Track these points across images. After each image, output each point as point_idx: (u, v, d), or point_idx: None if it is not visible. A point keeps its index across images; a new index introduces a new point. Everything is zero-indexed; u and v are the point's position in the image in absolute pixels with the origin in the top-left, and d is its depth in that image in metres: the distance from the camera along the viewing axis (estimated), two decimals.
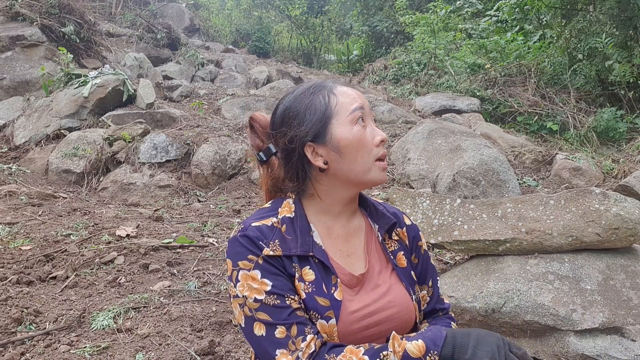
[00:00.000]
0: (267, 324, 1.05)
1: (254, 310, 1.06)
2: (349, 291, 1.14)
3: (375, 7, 13.72)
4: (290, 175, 1.17)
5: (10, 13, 7.85)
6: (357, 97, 1.15)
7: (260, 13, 16.57)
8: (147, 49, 10.69)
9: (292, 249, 1.10)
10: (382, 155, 1.14)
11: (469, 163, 4.51)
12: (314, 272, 1.11)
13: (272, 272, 1.08)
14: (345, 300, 1.11)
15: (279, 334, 1.04)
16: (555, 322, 2.09)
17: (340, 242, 1.19)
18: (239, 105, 7.17)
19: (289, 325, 1.04)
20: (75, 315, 2.43)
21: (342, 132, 1.12)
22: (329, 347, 1.06)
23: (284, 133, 1.14)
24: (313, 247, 1.13)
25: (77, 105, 6.12)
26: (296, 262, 1.11)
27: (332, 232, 1.18)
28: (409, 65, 9.90)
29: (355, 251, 1.20)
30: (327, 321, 1.08)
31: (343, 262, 1.17)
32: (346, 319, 1.10)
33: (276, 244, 1.10)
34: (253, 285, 1.07)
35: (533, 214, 2.27)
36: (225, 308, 2.61)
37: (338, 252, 1.17)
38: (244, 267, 1.08)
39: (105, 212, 4.27)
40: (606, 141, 6.95)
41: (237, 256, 1.09)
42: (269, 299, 1.06)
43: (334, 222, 1.19)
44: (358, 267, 1.18)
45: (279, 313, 1.05)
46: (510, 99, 7.85)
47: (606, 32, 7.28)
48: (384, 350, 1.02)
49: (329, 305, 1.09)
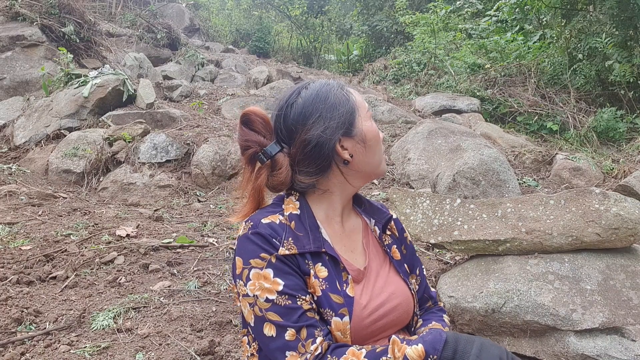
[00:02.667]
0: (277, 326, 1.04)
1: (264, 310, 1.05)
2: (357, 286, 1.15)
3: (375, 7, 13.72)
4: (310, 170, 1.14)
5: (10, 13, 7.84)
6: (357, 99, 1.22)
7: (260, 13, 16.57)
8: (147, 49, 10.69)
9: (305, 246, 1.10)
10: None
11: (469, 163, 4.51)
12: (326, 268, 1.11)
13: (285, 271, 1.06)
14: (356, 295, 1.13)
15: (289, 337, 1.03)
16: (555, 322, 2.09)
17: (344, 238, 1.21)
18: (239, 105, 7.17)
19: (299, 327, 1.04)
20: (75, 315, 2.43)
21: (367, 126, 1.17)
22: (332, 348, 1.06)
23: (309, 127, 1.12)
24: (324, 243, 1.13)
25: (77, 105, 6.12)
26: (309, 259, 1.10)
27: (336, 229, 1.20)
28: (409, 65, 9.90)
29: (357, 247, 1.22)
30: (341, 318, 1.08)
31: (349, 257, 1.19)
32: (359, 315, 1.11)
33: (290, 242, 1.09)
34: (265, 284, 1.05)
35: (533, 214, 2.27)
36: (225, 308, 2.61)
37: (343, 248, 1.19)
38: (256, 266, 1.06)
39: (105, 212, 4.27)
40: (606, 141, 6.95)
41: (248, 254, 1.07)
42: (281, 299, 1.04)
43: (337, 219, 1.21)
44: (360, 262, 1.20)
45: (290, 314, 1.04)
46: (510, 99, 7.85)
47: (606, 32, 7.28)
48: (384, 355, 1.02)
49: (343, 302, 1.09)
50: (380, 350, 1.03)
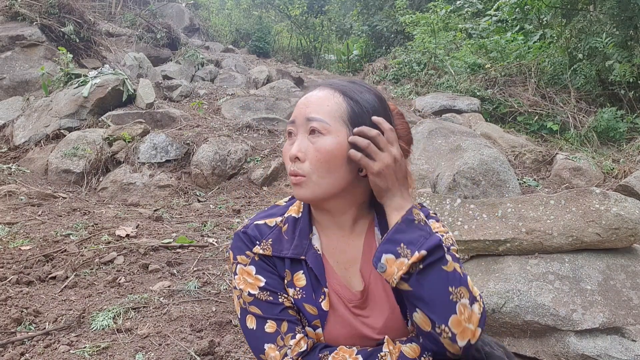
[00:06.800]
0: (258, 318, 1.07)
1: (247, 303, 1.09)
2: (342, 303, 1.09)
3: (375, 6, 13.71)
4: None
5: (9, 13, 7.84)
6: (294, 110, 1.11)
7: (260, 13, 16.55)
8: (147, 48, 10.67)
9: (283, 251, 1.10)
10: (289, 171, 1.07)
11: (469, 163, 4.51)
12: (305, 277, 1.09)
13: (266, 269, 1.10)
14: (336, 312, 1.08)
15: (269, 329, 1.06)
16: (556, 322, 2.08)
17: (338, 252, 1.14)
18: (239, 105, 7.17)
19: (280, 321, 1.06)
20: (75, 315, 2.43)
21: None
22: (322, 346, 1.06)
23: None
24: (308, 250, 1.10)
25: (76, 105, 6.11)
26: (288, 266, 1.10)
27: (332, 239, 1.14)
28: (409, 65, 9.89)
29: (354, 265, 1.14)
30: (314, 329, 1.08)
31: (341, 272, 1.13)
32: (333, 331, 1.08)
33: (268, 244, 1.11)
34: (248, 279, 1.09)
35: (533, 214, 2.27)
36: (225, 308, 2.61)
37: (336, 264, 1.13)
38: (242, 262, 1.12)
39: (105, 212, 4.27)
40: (606, 141, 6.95)
41: (236, 250, 1.13)
42: (262, 294, 1.08)
43: (336, 229, 1.13)
44: (356, 283, 1.12)
45: (270, 308, 1.07)
46: (511, 99, 7.84)
47: (606, 31, 7.28)
48: (379, 352, 1.02)
49: (317, 314, 1.08)
50: (373, 348, 1.05)
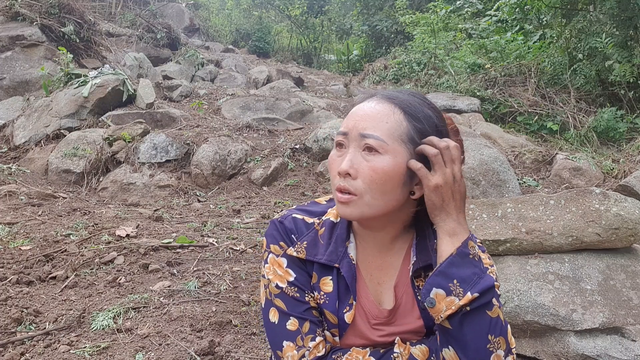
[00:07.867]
0: (281, 313, 1.05)
1: (273, 295, 1.07)
2: (365, 318, 1.07)
3: (375, 7, 13.72)
4: None
5: (10, 13, 7.84)
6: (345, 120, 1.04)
7: (260, 13, 16.56)
8: (147, 48, 10.68)
9: (317, 255, 1.07)
10: (338, 187, 1.00)
11: (469, 163, 4.51)
12: (333, 284, 1.06)
13: (298, 264, 1.08)
14: (356, 326, 1.07)
15: (291, 326, 1.04)
16: (556, 322, 2.09)
17: (374, 267, 1.11)
18: (239, 105, 7.17)
19: (303, 320, 1.04)
20: (75, 315, 2.43)
21: None
22: (335, 349, 1.06)
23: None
24: (342, 258, 1.07)
25: (77, 105, 6.12)
26: (317, 269, 1.07)
27: (369, 252, 1.10)
28: (409, 65, 9.89)
29: (387, 282, 1.11)
30: (332, 336, 1.07)
31: (372, 286, 1.10)
32: (348, 341, 1.08)
33: (302, 247, 1.07)
34: (278, 271, 1.07)
35: (533, 214, 2.27)
36: (225, 308, 2.61)
37: (369, 277, 1.11)
38: (274, 252, 1.09)
39: (105, 212, 4.27)
40: (606, 141, 6.95)
41: (270, 238, 1.11)
42: (290, 289, 1.06)
43: (374, 243, 1.10)
44: (386, 300, 1.10)
45: (295, 306, 1.05)
46: (510, 99, 7.84)
47: (606, 32, 7.28)
48: (391, 352, 1.03)
49: (336, 324, 1.06)
50: (385, 349, 1.05)
